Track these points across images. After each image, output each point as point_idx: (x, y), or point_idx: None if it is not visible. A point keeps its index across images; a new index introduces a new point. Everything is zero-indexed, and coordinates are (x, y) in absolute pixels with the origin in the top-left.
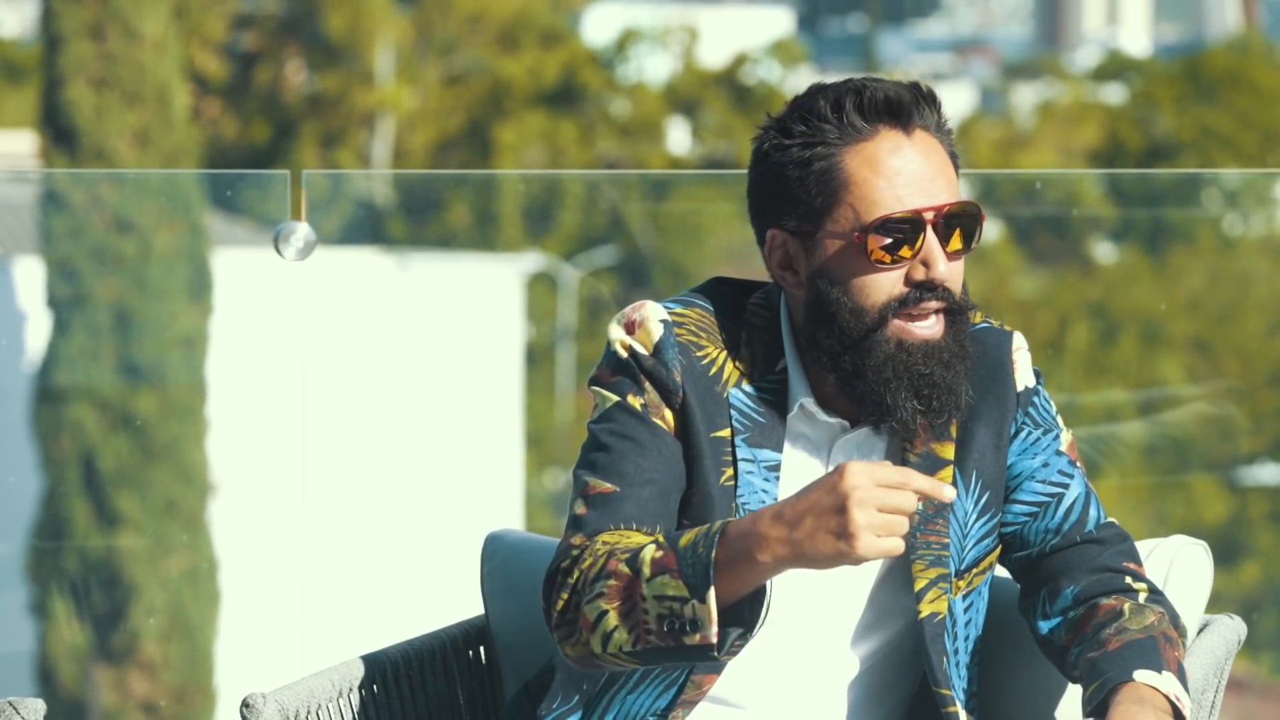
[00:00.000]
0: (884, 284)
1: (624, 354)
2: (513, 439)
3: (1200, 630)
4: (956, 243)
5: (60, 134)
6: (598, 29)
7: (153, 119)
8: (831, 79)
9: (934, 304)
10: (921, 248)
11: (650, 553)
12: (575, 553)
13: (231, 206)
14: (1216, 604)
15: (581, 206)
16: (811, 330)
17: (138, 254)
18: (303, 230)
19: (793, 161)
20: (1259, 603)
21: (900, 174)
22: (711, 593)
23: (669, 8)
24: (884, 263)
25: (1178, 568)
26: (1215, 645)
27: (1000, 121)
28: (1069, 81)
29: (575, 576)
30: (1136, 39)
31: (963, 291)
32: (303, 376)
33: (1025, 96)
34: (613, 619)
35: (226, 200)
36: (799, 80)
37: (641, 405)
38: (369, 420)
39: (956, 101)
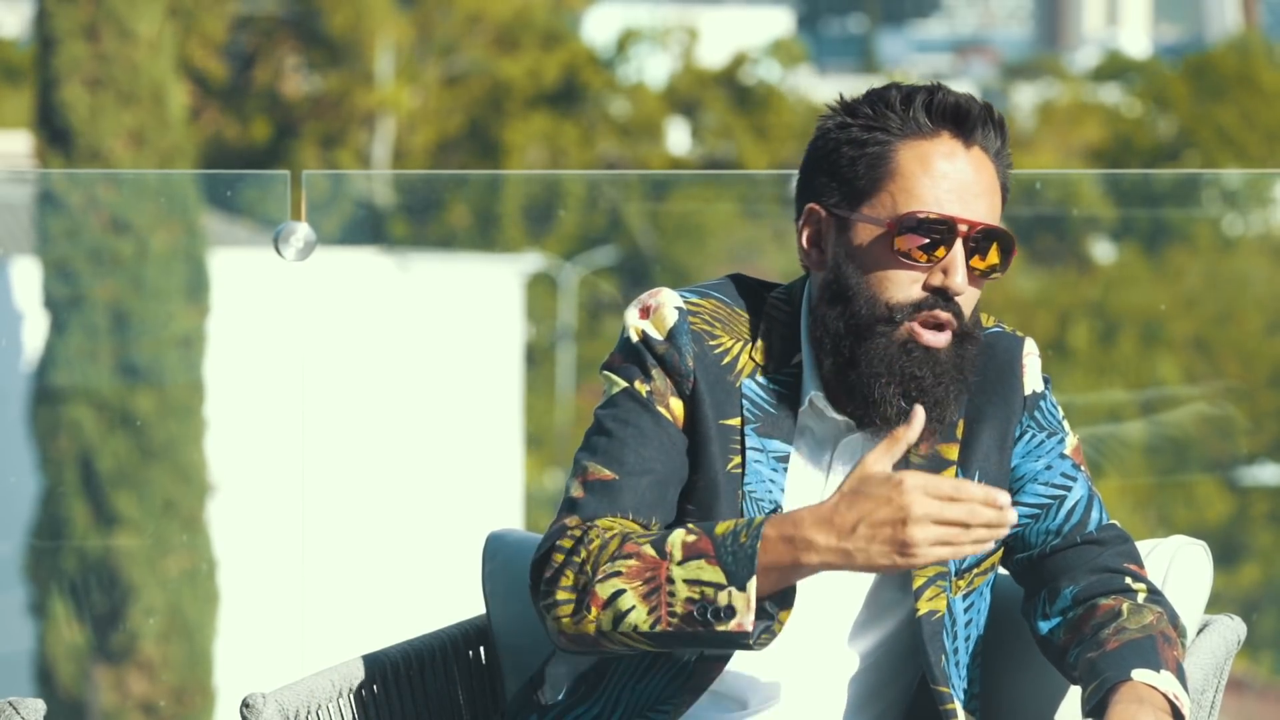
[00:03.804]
0: (903, 281)
1: (636, 338)
2: (513, 439)
3: (1200, 630)
4: (980, 263)
5: (56, 134)
6: (598, 29)
7: (148, 119)
8: (830, 79)
9: (945, 315)
10: (946, 255)
11: (681, 537)
12: (577, 532)
13: (231, 207)
14: (1216, 604)
15: (581, 207)
16: (824, 310)
17: (135, 254)
18: (303, 230)
19: (850, 140)
20: (1259, 603)
21: (946, 178)
22: (753, 582)
23: (669, 8)
24: (907, 258)
25: (1177, 568)
26: (1215, 645)
27: None
28: (1069, 82)
29: (582, 555)
30: (1136, 39)
31: (972, 317)
32: (303, 376)
33: (1025, 97)
34: (630, 598)
35: (226, 200)
36: (798, 80)
37: (648, 392)
38: (369, 420)
39: None
